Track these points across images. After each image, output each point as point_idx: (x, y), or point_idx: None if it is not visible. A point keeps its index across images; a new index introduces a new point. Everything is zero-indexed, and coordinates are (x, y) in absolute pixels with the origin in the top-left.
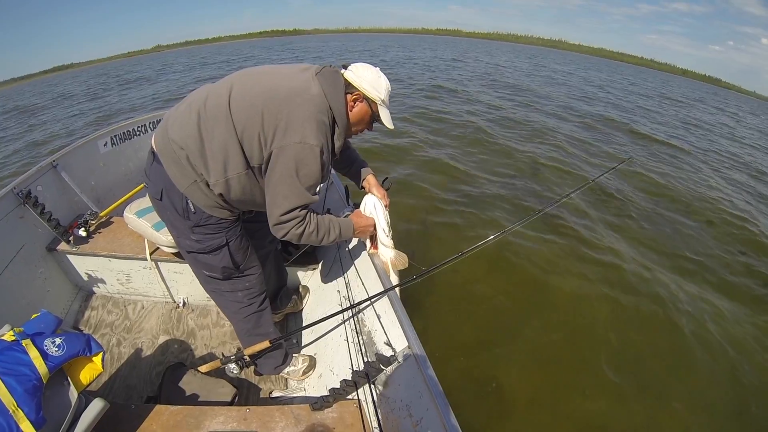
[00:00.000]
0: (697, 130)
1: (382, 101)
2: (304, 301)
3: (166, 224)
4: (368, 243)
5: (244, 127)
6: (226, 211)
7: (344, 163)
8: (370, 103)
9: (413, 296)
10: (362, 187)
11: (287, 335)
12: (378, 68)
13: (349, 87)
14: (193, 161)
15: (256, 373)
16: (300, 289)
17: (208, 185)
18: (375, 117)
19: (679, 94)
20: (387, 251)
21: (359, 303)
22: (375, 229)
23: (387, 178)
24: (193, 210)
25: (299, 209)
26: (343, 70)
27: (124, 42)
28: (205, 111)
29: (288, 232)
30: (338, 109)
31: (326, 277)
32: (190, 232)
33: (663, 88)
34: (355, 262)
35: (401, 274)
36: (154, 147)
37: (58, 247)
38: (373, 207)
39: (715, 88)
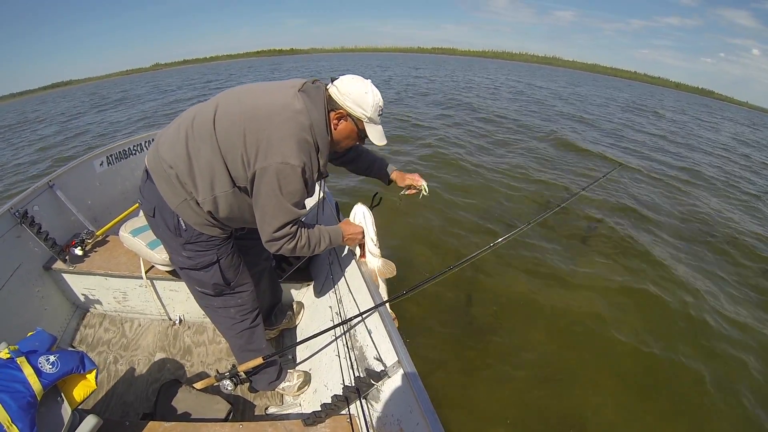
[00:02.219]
0: None
1: (369, 119)
2: (299, 317)
3: (161, 241)
4: (357, 251)
5: (228, 148)
6: (217, 229)
7: (363, 166)
8: (356, 120)
9: (403, 311)
10: (389, 182)
11: (281, 351)
12: (369, 81)
13: (332, 103)
14: (183, 180)
15: (251, 389)
16: (294, 305)
17: (198, 203)
18: (363, 134)
19: None
20: (374, 260)
21: (351, 319)
22: (363, 237)
23: (376, 194)
24: (184, 227)
25: (289, 225)
26: (329, 85)
27: (123, 60)
28: (193, 131)
29: (281, 248)
30: (319, 126)
31: (319, 293)
32: (182, 248)
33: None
34: (347, 278)
35: (390, 284)
36: (146, 165)
37: (54, 266)
38: (362, 216)
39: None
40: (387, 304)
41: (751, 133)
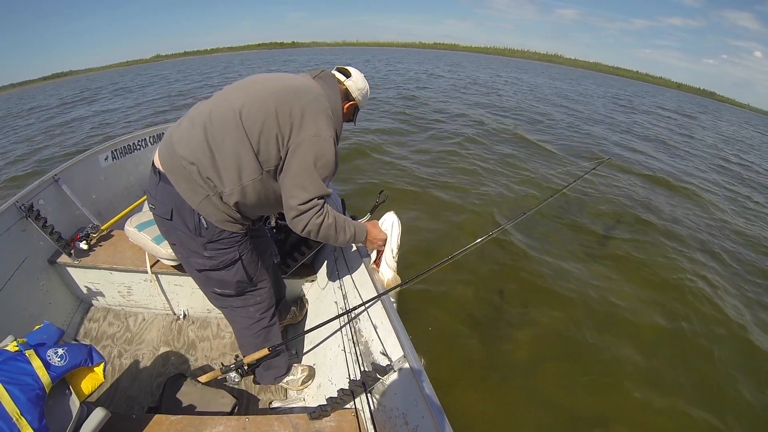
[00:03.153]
0: None
1: (363, 107)
2: (302, 314)
3: (175, 244)
4: (373, 256)
5: (261, 132)
6: (237, 225)
7: None
8: (356, 108)
9: (407, 303)
10: None
11: (286, 341)
12: (363, 75)
13: (348, 95)
14: (205, 175)
15: (256, 382)
16: (298, 301)
17: (221, 198)
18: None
19: None
20: (388, 272)
21: (357, 314)
22: (384, 245)
23: (382, 191)
24: (205, 226)
25: (316, 198)
26: (342, 77)
27: (124, 51)
28: (212, 123)
29: (308, 223)
30: (335, 109)
31: (324, 289)
32: (203, 249)
33: None
34: (353, 274)
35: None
36: (159, 167)
37: (59, 260)
38: (391, 225)
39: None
40: (393, 300)
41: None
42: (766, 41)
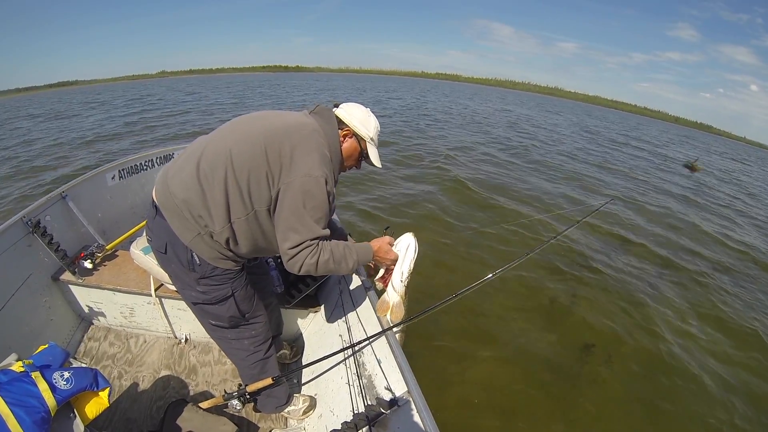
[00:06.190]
0: None
1: (371, 139)
2: (294, 358)
3: (171, 276)
4: (381, 272)
5: (250, 170)
6: (230, 262)
7: None
8: (359, 140)
9: (411, 338)
10: None
11: (289, 373)
12: (368, 109)
13: (340, 123)
14: (196, 213)
15: (256, 410)
16: (294, 345)
17: (212, 237)
18: (363, 154)
19: None
20: (393, 295)
21: (360, 348)
22: (393, 265)
23: (388, 227)
24: (198, 262)
25: (309, 240)
26: (334, 108)
27: (130, 64)
28: (204, 161)
29: (303, 264)
30: (333, 144)
31: (328, 321)
32: (196, 283)
33: None
34: (357, 308)
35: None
36: (155, 201)
37: (63, 277)
38: (406, 248)
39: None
40: (397, 334)
41: None
42: (762, 75)
